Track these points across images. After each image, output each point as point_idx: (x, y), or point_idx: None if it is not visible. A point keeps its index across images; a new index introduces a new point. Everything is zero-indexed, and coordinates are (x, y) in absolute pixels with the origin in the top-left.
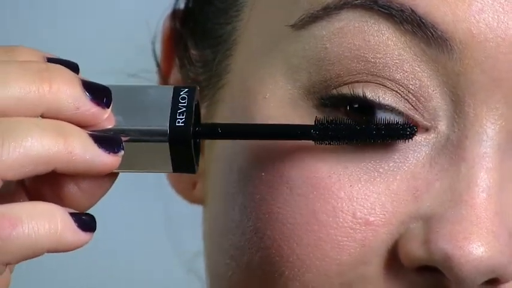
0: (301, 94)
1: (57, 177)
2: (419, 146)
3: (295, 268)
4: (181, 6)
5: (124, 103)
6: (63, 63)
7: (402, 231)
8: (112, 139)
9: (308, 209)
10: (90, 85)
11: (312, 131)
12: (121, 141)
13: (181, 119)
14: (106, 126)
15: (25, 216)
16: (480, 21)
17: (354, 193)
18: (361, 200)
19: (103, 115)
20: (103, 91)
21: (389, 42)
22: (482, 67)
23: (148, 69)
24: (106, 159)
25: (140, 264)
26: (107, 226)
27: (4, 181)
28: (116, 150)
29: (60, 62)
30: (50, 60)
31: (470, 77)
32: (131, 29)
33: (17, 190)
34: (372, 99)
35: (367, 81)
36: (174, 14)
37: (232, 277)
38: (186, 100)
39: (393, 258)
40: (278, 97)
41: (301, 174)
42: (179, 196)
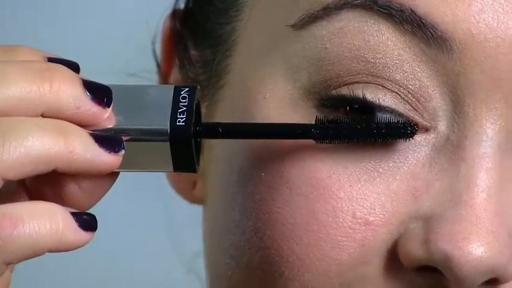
0: (301, 94)
1: (58, 176)
2: (419, 146)
3: (295, 268)
4: (181, 6)
5: (124, 102)
6: (63, 62)
7: (402, 231)
8: (113, 138)
9: (308, 209)
10: (90, 85)
11: (313, 130)
12: (122, 140)
13: (182, 119)
14: (107, 125)
15: (26, 215)
16: (480, 21)
17: (354, 193)
18: (360, 200)
19: (104, 114)
20: (104, 91)
21: (389, 42)
22: (482, 67)
23: (148, 69)
24: (107, 158)
25: (140, 264)
26: (107, 226)
27: (5, 181)
28: (117, 149)
29: (60, 62)
30: (51, 60)
31: (470, 77)
32: (131, 29)
33: (18, 190)
34: (372, 100)
35: (367, 82)
36: (174, 14)
37: (232, 277)
38: (187, 99)
39: (393, 258)
40: (278, 97)
41: (301, 174)
42: (179, 196)
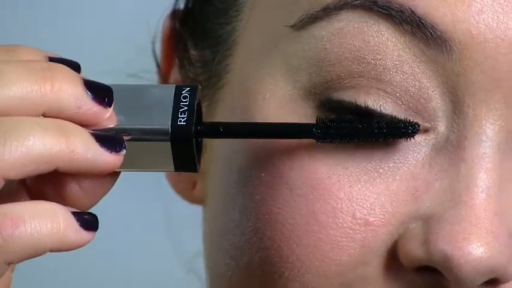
0: (301, 95)
1: (59, 176)
2: (418, 147)
3: (294, 269)
4: (181, 6)
5: (126, 102)
6: (65, 62)
7: (402, 231)
8: (114, 138)
9: (308, 210)
10: (91, 84)
11: (314, 130)
12: (123, 140)
13: (183, 118)
14: (108, 125)
15: (27, 215)
16: (480, 21)
17: (354, 194)
18: (360, 201)
19: (105, 114)
20: (105, 90)
21: (388, 43)
22: (481, 67)
23: (148, 69)
24: (108, 158)
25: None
26: (107, 226)
27: (6, 180)
28: (118, 149)
29: (62, 61)
30: (52, 59)
31: (469, 78)
32: (131, 29)
33: (19, 189)
34: (373, 108)
35: (368, 86)
36: (174, 14)
37: (232, 277)
38: (188, 99)
39: (393, 258)
40: (278, 97)
41: (300, 174)
42: (179, 196)
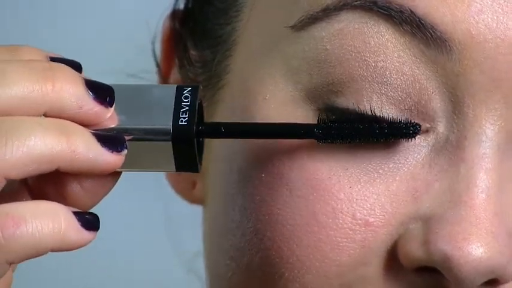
0: (302, 96)
1: (60, 176)
2: (418, 147)
3: (295, 269)
4: (181, 6)
5: (127, 102)
6: (66, 62)
7: (402, 232)
8: (115, 138)
9: (308, 211)
10: (93, 84)
11: (315, 130)
12: (124, 140)
13: (184, 118)
14: (109, 125)
15: (29, 215)
16: (479, 22)
17: (354, 194)
18: (360, 201)
19: (106, 114)
20: (106, 90)
21: (388, 44)
22: (481, 68)
23: (148, 69)
24: (109, 158)
25: (140, 264)
26: (107, 226)
27: (7, 180)
28: (119, 149)
29: (63, 61)
30: (53, 59)
31: (469, 78)
32: (131, 29)
33: (20, 189)
34: (376, 114)
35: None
36: (174, 14)
37: (232, 278)
38: (189, 99)
39: (393, 259)
40: (278, 98)
41: (301, 175)
42: (179, 196)
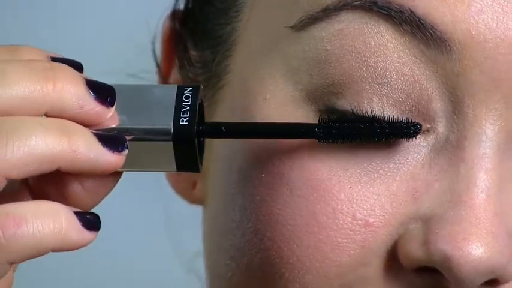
0: (303, 97)
1: (61, 176)
2: (418, 147)
3: (295, 270)
4: (181, 6)
5: (128, 102)
6: (67, 62)
7: (402, 232)
8: (116, 138)
9: (308, 211)
10: (94, 84)
11: (316, 130)
12: (125, 140)
13: (185, 118)
14: (110, 125)
15: (29, 215)
16: (479, 22)
17: (354, 195)
18: (360, 202)
19: (107, 114)
20: (107, 90)
21: (389, 44)
22: (481, 68)
23: (148, 69)
24: (110, 158)
25: (140, 264)
26: (107, 226)
27: (8, 180)
28: (120, 149)
29: (64, 61)
30: (54, 59)
31: (469, 78)
32: (131, 29)
33: (21, 189)
34: (377, 115)
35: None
36: (174, 15)
37: (232, 278)
38: (190, 99)
39: (393, 259)
40: (279, 98)
41: (301, 175)
42: (179, 196)
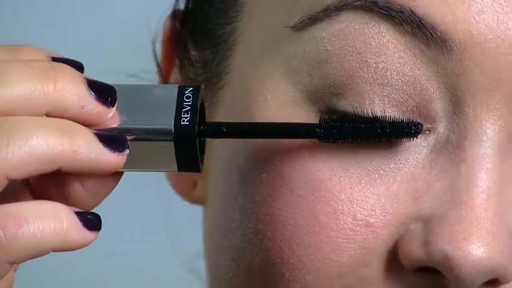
0: (304, 97)
1: (62, 176)
2: (419, 147)
3: (295, 270)
4: (181, 6)
5: (129, 102)
6: (68, 62)
7: (402, 232)
8: (117, 138)
9: (309, 211)
10: (95, 84)
11: (317, 130)
12: (126, 140)
13: (186, 118)
14: (111, 125)
15: (30, 215)
16: (480, 22)
17: (355, 195)
18: (361, 202)
19: (108, 114)
20: (108, 90)
21: (389, 44)
22: (482, 68)
23: (148, 69)
24: (111, 158)
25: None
26: (107, 226)
27: (9, 180)
28: (121, 149)
29: (65, 61)
30: (55, 59)
31: (470, 78)
32: (131, 29)
33: (22, 189)
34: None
35: (371, 93)
36: (174, 15)
37: (232, 278)
38: (191, 99)
39: (393, 259)
40: (279, 99)
41: (302, 175)
42: (179, 196)
